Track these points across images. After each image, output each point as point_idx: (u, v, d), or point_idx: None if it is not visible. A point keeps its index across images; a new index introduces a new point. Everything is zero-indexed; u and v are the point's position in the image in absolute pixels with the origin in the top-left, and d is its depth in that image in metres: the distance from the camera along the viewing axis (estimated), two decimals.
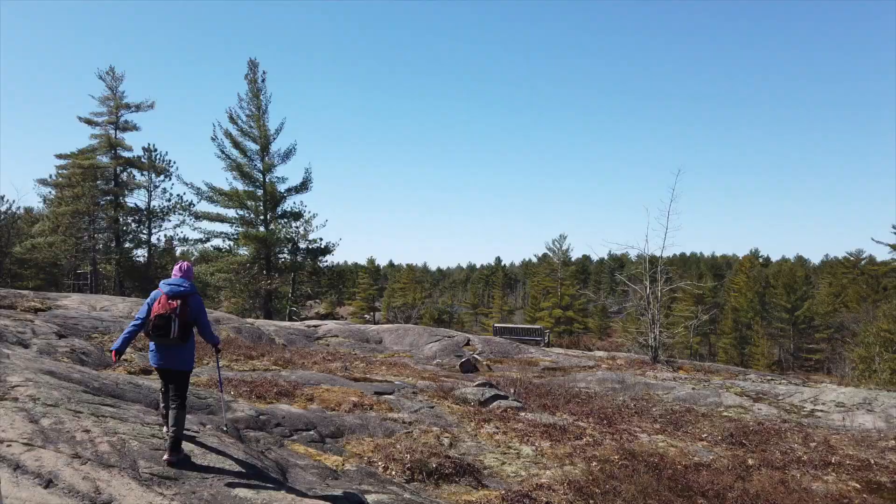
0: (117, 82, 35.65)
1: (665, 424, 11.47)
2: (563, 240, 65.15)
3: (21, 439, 4.90)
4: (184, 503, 4.62)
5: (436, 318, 65.97)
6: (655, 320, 18.83)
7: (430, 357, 19.16)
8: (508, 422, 10.47)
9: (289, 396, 9.97)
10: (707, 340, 59.92)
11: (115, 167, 35.57)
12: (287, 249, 35.07)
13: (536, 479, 7.92)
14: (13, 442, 4.81)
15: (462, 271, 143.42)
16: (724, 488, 7.86)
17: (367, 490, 6.22)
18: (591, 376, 16.04)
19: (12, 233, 35.95)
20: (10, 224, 35.88)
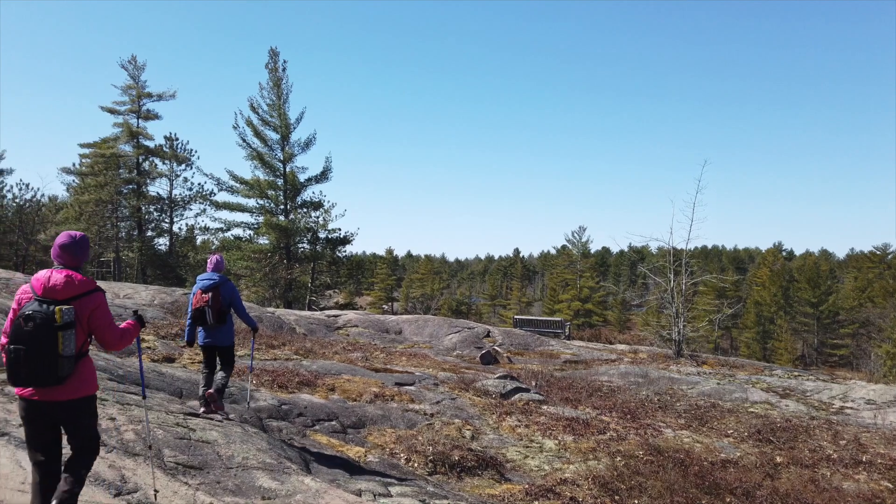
0: (139, 71, 35.88)
1: (690, 420, 11.29)
2: (583, 231, 64.70)
3: None
4: (209, 493, 4.58)
5: (454, 309, 66.00)
6: (679, 314, 18.56)
7: (450, 348, 19.09)
8: (530, 415, 10.37)
9: (310, 386, 9.95)
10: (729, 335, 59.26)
11: (137, 156, 35.84)
12: (307, 239, 35.13)
13: (560, 474, 7.82)
14: None
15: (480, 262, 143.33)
16: (753, 486, 7.69)
17: (390, 482, 6.16)
18: (614, 370, 15.87)
19: (37, 220, 36.46)
20: (34, 212, 36.38)
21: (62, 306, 3.33)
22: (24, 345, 3.24)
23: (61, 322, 3.29)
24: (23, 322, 3.26)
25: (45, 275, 3.46)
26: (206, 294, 6.48)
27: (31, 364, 3.24)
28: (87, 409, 3.56)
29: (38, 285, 3.42)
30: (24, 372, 3.25)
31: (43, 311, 3.28)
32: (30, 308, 3.30)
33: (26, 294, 3.45)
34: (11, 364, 3.25)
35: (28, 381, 3.28)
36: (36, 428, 3.44)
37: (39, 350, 3.24)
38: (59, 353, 3.28)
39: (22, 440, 4.48)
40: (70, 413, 3.46)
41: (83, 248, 3.66)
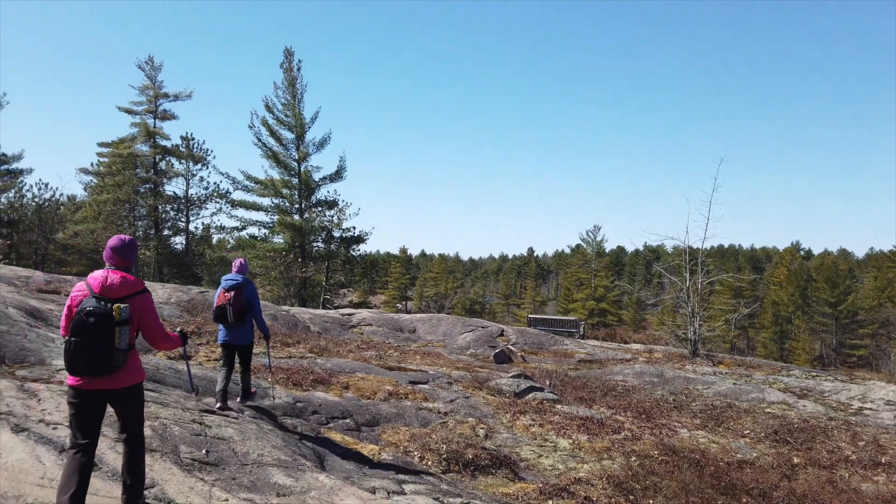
0: (156, 72, 36.19)
1: (706, 420, 11.20)
2: (598, 230, 64.42)
3: (66, 422, 4.95)
4: (224, 489, 4.62)
5: (468, 308, 65.94)
6: (695, 313, 18.39)
7: (464, 347, 19.08)
8: (545, 414, 10.35)
9: (325, 384, 9.99)
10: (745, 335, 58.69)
11: (153, 156, 36.16)
12: (321, 238, 35.30)
13: (574, 473, 7.80)
14: (58, 425, 4.87)
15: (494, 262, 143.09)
16: (770, 487, 7.62)
17: (404, 480, 6.17)
18: (629, 369, 15.77)
19: (56, 220, 36.88)
20: (53, 211, 36.80)
21: (119, 304, 3.70)
22: (85, 337, 3.57)
23: (119, 318, 3.67)
24: (84, 317, 3.59)
25: (101, 275, 3.82)
26: (229, 293, 6.90)
27: (90, 355, 3.58)
28: (137, 395, 3.95)
29: (96, 284, 3.76)
30: (84, 362, 3.58)
31: (102, 308, 3.64)
32: (90, 304, 3.65)
33: (82, 292, 3.77)
34: (72, 355, 3.56)
35: (87, 370, 3.61)
36: (84, 415, 3.73)
37: (100, 343, 3.59)
38: (116, 346, 3.65)
39: (41, 435, 4.55)
40: (123, 399, 3.84)
41: (132, 251, 4.01)
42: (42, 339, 7.59)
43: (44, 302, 11.42)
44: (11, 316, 8.46)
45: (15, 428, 4.56)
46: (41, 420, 4.84)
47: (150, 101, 36.25)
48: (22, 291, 11.94)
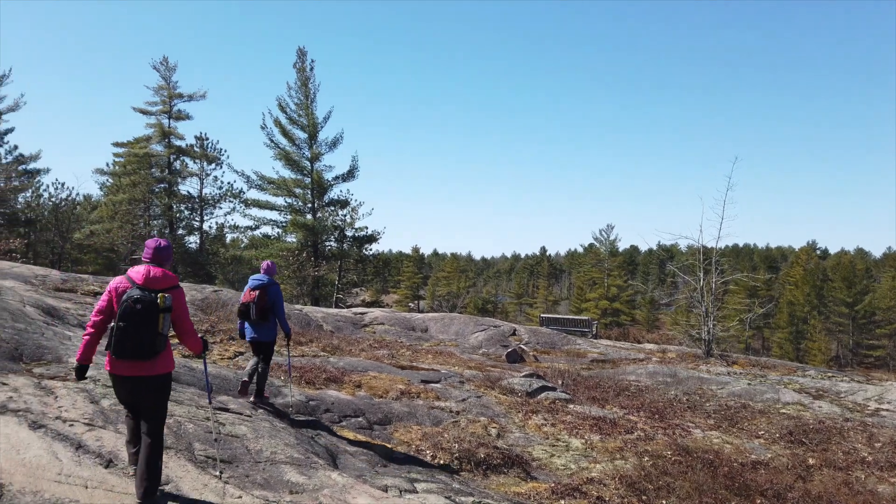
0: (170, 72, 36.46)
1: (720, 420, 11.12)
2: (611, 230, 64.07)
3: (83, 419, 5.02)
4: (238, 486, 4.65)
5: (480, 307, 65.87)
6: (709, 313, 18.26)
7: (476, 346, 19.08)
8: (557, 413, 10.32)
9: (337, 383, 10.03)
10: (760, 335, 58.20)
11: (168, 155, 36.45)
12: (334, 237, 35.43)
13: (586, 473, 7.78)
14: (75, 422, 4.92)
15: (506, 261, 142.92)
16: (784, 488, 7.55)
17: (416, 478, 6.18)
18: (642, 369, 15.69)
19: (72, 219, 37.29)
20: (70, 211, 37.23)
21: (163, 293, 4.06)
22: (133, 322, 3.92)
23: (163, 306, 4.03)
24: (132, 304, 3.93)
25: (143, 269, 4.17)
26: (254, 292, 7.24)
27: (136, 339, 3.92)
28: (166, 384, 4.26)
29: (139, 276, 4.11)
30: (130, 345, 3.92)
31: (148, 297, 3.99)
32: (136, 293, 3.98)
33: (123, 283, 4.12)
34: (119, 338, 3.90)
35: (132, 353, 3.95)
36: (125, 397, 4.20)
37: (146, 327, 3.96)
38: (159, 331, 4.02)
39: (58, 432, 4.61)
40: (154, 386, 4.13)
41: (169, 252, 4.38)
42: (59, 338, 7.68)
43: (60, 300, 11.55)
44: (29, 314, 8.57)
45: (32, 425, 4.62)
46: (58, 417, 4.90)
47: (165, 102, 36.54)
48: (39, 290, 12.09)
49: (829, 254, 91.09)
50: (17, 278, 12.84)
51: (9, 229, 33.09)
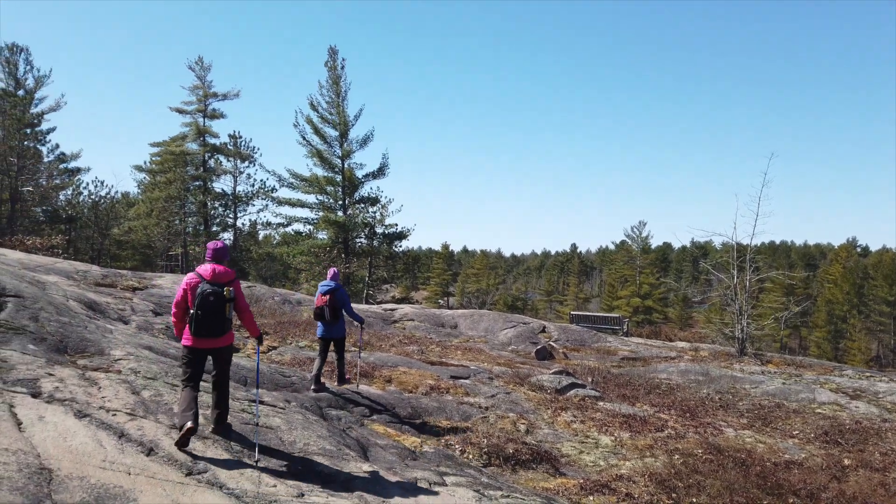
0: (205, 72, 37.15)
1: (753, 419, 10.98)
2: (643, 226, 63.39)
3: (125, 409, 5.21)
4: (272, 475, 4.78)
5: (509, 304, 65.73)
6: (743, 311, 17.94)
7: (505, 343, 19.09)
8: (586, 411, 10.31)
9: (367, 377, 10.17)
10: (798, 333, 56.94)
11: (203, 154, 37.17)
12: (364, 234, 35.71)
13: (616, 470, 7.77)
14: (118, 412, 5.11)
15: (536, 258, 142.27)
16: (818, 488, 7.44)
17: (446, 472, 6.26)
18: (673, 367, 15.53)
19: (111, 216, 38.26)
20: (109, 208, 38.19)
21: (228, 287, 5.21)
22: (208, 310, 5.09)
23: (228, 297, 5.19)
24: (207, 296, 5.08)
25: (209, 267, 5.28)
26: (325, 296, 8.47)
27: (211, 323, 5.12)
28: (230, 352, 5.51)
29: (208, 273, 5.22)
30: (206, 328, 5.13)
31: (218, 290, 5.14)
32: (208, 288, 5.12)
33: (195, 279, 5.21)
34: (198, 322, 5.09)
35: (208, 333, 5.16)
36: (194, 366, 5.25)
37: (218, 315, 5.13)
38: (227, 316, 5.21)
39: (102, 421, 4.80)
40: (223, 354, 5.39)
41: (226, 251, 5.51)
42: (101, 331, 7.95)
43: (101, 295, 11.92)
44: (72, 308, 8.88)
45: (78, 413, 4.81)
46: (101, 407, 5.10)
47: (200, 101, 37.25)
48: (81, 285, 12.48)
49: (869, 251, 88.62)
50: (60, 273, 13.28)
51: (51, 226, 34.12)
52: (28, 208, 33.64)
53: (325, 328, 8.61)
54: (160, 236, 36.25)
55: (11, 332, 6.49)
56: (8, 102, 32.57)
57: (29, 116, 33.09)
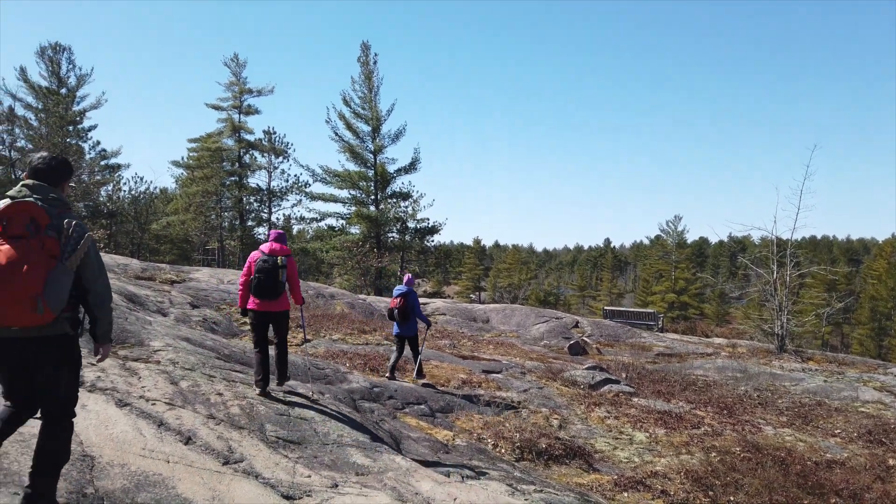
0: (241, 68, 37.68)
1: (792, 418, 10.71)
2: (679, 221, 62.28)
3: (163, 399, 5.31)
4: (307, 465, 4.83)
5: (541, 299, 65.37)
6: (783, 307, 17.49)
7: (538, 338, 18.99)
8: (620, 406, 10.19)
9: (400, 370, 10.21)
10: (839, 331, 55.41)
11: (238, 149, 37.73)
12: (396, 229, 35.89)
13: (651, 467, 7.66)
14: (157, 401, 5.22)
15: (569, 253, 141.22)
16: (861, 489, 7.22)
17: (478, 466, 6.25)
18: (710, 364, 15.25)
19: (150, 211, 39.11)
20: (148, 203, 39.04)
21: (280, 258, 6.29)
22: (264, 274, 6.20)
23: (280, 264, 6.26)
24: (263, 263, 6.22)
25: (269, 244, 6.42)
26: (398, 299, 9.49)
27: (267, 284, 6.20)
28: (286, 317, 6.56)
29: (266, 249, 6.37)
30: (262, 289, 6.21)
31: (272, 259, 6.26)
32: (265, 258, 6.27)
33: (256, 255, 6.39)
34: (257, 285, 6.21)
35: (265, 294, 6.23)
36: (259, 329, 6.43)
37: (272, 277, 6.21)
38: (279, 280, 6.24)
39: (142, 410, 4.91)
40: (279, 318, 6.48)
41: (284, 236, 6.60)
42: (141, 322, 8.13)
43: (140, 288, 12.20)
44: (113, 301, 9.09)
45: (118, 402, 4.93)
46: (141, 396, 5.21)
47: (236, 97, 37.80)
48: (121, 278, 12.79)
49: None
50: None
51: (92, 221, 35.02)
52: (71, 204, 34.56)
53: (398, 327, 9.65)
54: (197, 231, 36.94)
55: None
56: (51, 100, 33.49)
57: (71, 114, 33.98)
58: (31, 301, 2.77)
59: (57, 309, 2.86)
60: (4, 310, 2.77)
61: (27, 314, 2.79)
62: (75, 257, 2.92)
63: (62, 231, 2.92)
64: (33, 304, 2.77)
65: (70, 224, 2.95)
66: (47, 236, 2.86)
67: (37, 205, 2.91)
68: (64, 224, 2.93)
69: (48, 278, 2.81)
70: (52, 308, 2.83)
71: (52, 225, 2.90)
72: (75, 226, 2.96)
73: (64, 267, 2.88)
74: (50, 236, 2.87)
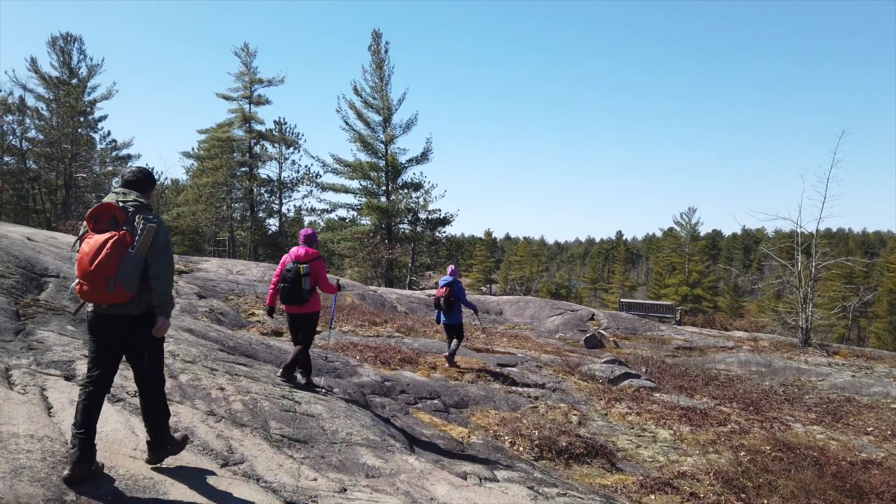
0: (251, 58, 37.32)
1: (822, 414, 10.25)
2: (693, 213, 61.47)
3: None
4: (313, 467, 4.47)
5: (553, 292, 64.76)
6: (808, 299, 16.90)
7: (552, 331, 18.56)
8: (641, 402, 9.77)
9: (412, 364, 9.85)
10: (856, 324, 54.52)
11: (249, 140, 37.43)
12: (407, 220, 35.48)
13: (677, 467, 7.24)
14: None
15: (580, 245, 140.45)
16: None
17: (496, 465, 5.88)
18: (732, 358, 14.77)
19: (161, 202, 38.97)
20: (159, 194, 38.89)
21: (304, 265, 6.48)
22: (287, 283, 6.44)
23: (303, 273, 6.45)
24: (287, 272, 6.46)
25: (296, 249, 6.67)
26: (443, 288, 9.89)
27: (289, 292, 6.43)
28: (314, 319, 6.77)
29: (294, 255, 6.63)
30: (287, 297, 6.46)
31: (295, 267, 6.46)
32: (290, 265, 6.50)
33: (287, 259, 6.64)
34: (283, 292, 6.46)
35: (290, 301, 6.48)
36: (293, 327, 6.76)
37: (295, 286, 6.42)
38: (302, 288, 6.44)
39: (136, 407, 4.55)
40: (306, 320, 6.70)
41: (313, 237, 6.80)
42: None
43: None
44: None
45: (111, 398, 4.57)
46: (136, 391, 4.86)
47: (246, 87, 37.47)
48: None
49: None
50: None
51: None
52: (82, 194, 34.46)
53: (444, 316, 9.97)
54: (208, 222, 36.72)
55: (51, 312, 6.35)
56: (62, 91, 33.32)
57: (82, 104, 33.78)
58: (106, 281, 3.38)
59: (130, 288, 3.46)
60: (91, 290, 3.41)
61: (104, 293, 3.41)
62: (141, 245, 3.52)
63: (135, 225, 3.55)
64: (106, 283, 3.39)
65: (140, 220, 3.58)
66: (124, 230, 3.49)
67: (118, 206, 3.57)
68: (136, 220, 3.57)
69: (121, 263, 3.41)
70: (124, 287, 3.43)
71: (129, 221, 3.55)
72: (144, 220, 3.58)
73: (133, 254, 3.47)
74: (126, 230, 3.50)
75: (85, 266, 3.40)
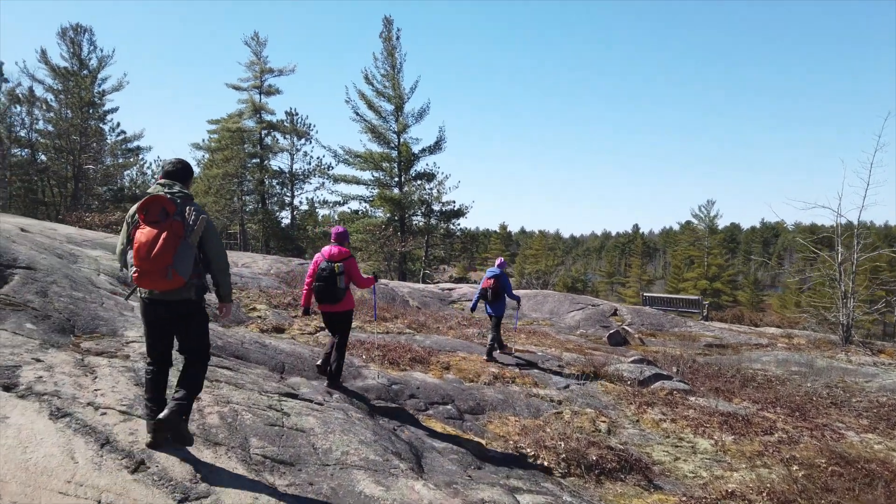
0: (261, 47, 36.56)
1: (874, 420, 9.27)
2: (711, 206, 60.07)
3: (119, 406, 4.16)
4: (296, 500, 3.64)
5: (569, 286, 63.63)
6: (849, 294, 15.78)
7: (573, 327, 17.64)
8: (676, 407, 8.85)
9: (423, 364, 9.01)
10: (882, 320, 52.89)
11: (259, 131, 36.69)
12: (420, 212, 34.57)
13: (723, 484, 6.34)
14: (109, 409, 4.06)
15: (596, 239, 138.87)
16: None
17: (518, 487, 5.05)
18: (768, 356, 13.76)
19: None
20: None
21: (338, 264, 6.35)
22: (323, 282, 6.31)
23: (338, 272, 6.32)
24: (322, 271, 6.32)
25: (328, 248, 6.52)
26: (490, 280, 9.95)
27: (326, 291, 6.32)
28: (348, 317, 6.66)
29: (326, 253, 6.48)
30: (322, 296, 6.34)
31: (330, 267, 6.33)
32: (325, 265, 6.35)
33: (319, 258, 6.50)
34: (318, 292, 6.34)
35: (324, 300, 6.36)
36: (328, 324, 6.65)
37: (330, 284, 6.30)
38: (338, 286, 6.31)
39: (85, 423, 3.78)
40: (341, 318, 6.57)
41: (344, 235, 6.65)
42: (119, 308, 7.02)
43: None
44: (96, 282, 8.00)
45: (55, 413, 3.78)
46: (90, 403, 4.06)
47: (256, 77, 36.74)
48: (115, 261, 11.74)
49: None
50: (107, 248, 12.63)
51: (115, 204, 34.37)
52: (92, 186, 33.97)
53: (489, 307, 10.07)
54: (218, 214, 36.11)
55: (10, 308, 5.57)
56: (72, 82, 32.79)
57: (89, 95, 33.22)
58: (164, 270, 3.57)
59: (185, 275, 3.64)
60: (148, 277, 3.60)
61: (163, 280, 3.60)
62: (195, 235, 3.72)
63: (185, 216, 3.73)
64: (165, 272, 3.57)
65: (190, 210, 3.77)
66: (175, 220, 3.65)
67: (166, 197, 3.72)
68: (186, 210, 3.76)
69: (176, 252, 3.60)
70: (180, 274, 3.62)
71: (178, 212, 3.70)
72: (194, 212, 3.77)
73: (187, 243, 3.67)
74: (177, 220, 3.66)
75: (143, 255, 3.56)
